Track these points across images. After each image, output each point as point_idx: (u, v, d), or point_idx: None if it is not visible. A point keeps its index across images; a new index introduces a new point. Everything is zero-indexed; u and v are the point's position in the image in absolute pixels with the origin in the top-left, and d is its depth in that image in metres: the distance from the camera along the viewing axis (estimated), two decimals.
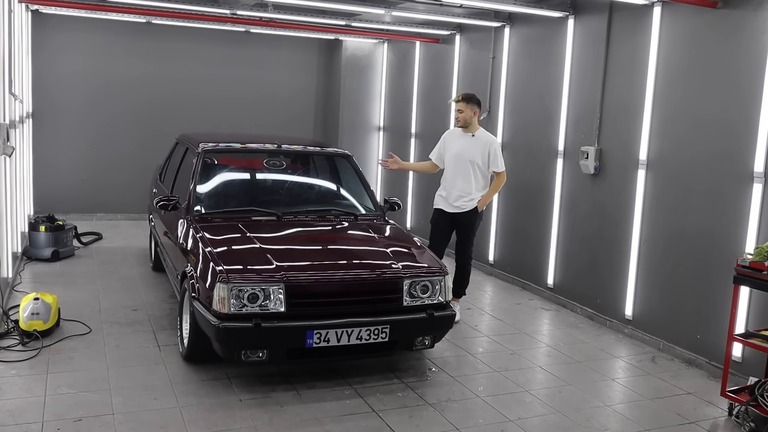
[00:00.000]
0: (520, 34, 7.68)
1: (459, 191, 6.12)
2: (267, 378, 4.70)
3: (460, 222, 6.21)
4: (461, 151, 6.13)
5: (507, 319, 6.49)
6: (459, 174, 6.13)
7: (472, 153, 6.09)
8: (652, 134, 5.89)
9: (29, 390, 4.35)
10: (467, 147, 6.12)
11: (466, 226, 6.21)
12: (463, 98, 6.11)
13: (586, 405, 4.64)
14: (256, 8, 7.93)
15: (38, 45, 9.31)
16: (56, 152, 9.71)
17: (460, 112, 6.10)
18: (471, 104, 6.09)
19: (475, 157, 6.08)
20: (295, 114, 10.99)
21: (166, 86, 10.16)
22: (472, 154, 6.09)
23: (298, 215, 5.60)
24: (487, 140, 6.13)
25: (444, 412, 4.37)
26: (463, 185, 6.11)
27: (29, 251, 7.55)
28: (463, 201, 6.13)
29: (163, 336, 5.42)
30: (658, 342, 5.79)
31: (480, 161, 6.09)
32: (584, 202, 6.68)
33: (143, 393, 4.39)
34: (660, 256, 5.82)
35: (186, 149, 6.39)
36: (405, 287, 4.73)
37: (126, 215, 10.05)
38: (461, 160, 6.12)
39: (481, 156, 6.08)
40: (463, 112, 6.09)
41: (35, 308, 5.22)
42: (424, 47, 9.68)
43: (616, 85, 6.30)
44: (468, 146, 6.12)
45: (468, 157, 6.09)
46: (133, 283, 6.91)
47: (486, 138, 6.15)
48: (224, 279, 4.34)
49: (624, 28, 6.22)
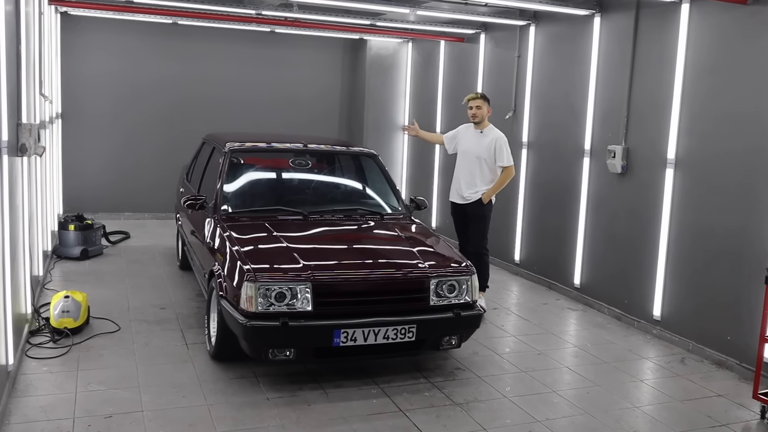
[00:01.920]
0: (546, 33, 7.63)
1: (467, 184, 6.48)
2: (294, 377, 4.72)
3: (470, 213, 6.53)
4: (470, 147, 6.51)
5: (533, 319, 6.45)
6: (467, 168, 6.50)
7: (479, 149, 6.43)
8: (680, 132, 5.82)
9: (60, 386, 4.41)
10: (476, 143, 6.48)
11: (475, 217, 6.51)
12: (481, 96, 6.48)
13: (614, 406, 4.60)
14: (281, 8, 7.97)
15: (67, 46, 9.43)
16: (85, 152, 9.85)
17: (478, 108, 6.44)
18: (486, 102, 6.47)
19: (482, 153, 6.40)
20: (319, 114, 11.02)
21: (192, 87, 10.25)
22: (479, 149, 6.43)
23: (325, 214, 5.61)
24: (494, 136, 6.43)
25: (471, 412, 4.36)
26: (470, 178, 6.47)
27: (59, 250, 7.65)
28: (469, 192, 6.47)
29: (190, 334, 5.46)
30: (687, 343, 5.72)
31: (486, 156, 6.40)
32: (611, 201, 6.61)
33: (172, 391, 4.43)
34: (689, 255, 5.75)
35: (213, 149, 6.43)
36: (432, 287, 4.73)
37: (153, 214, 10.15)
38: (470, 155, 6.49)
39: (488, 151, 6.39)
40: (481, 108, 6.44)
41: (66, 306, 5.29)
42: (449, 46, 9.65)
43: (644, 83, 6.23)
44: (477, 142, 6.48)
45: (476, 153, 6.44)
46: (160, 281, 6.97)
47: (493, 134, 6.46)
48: (252, 278, 4.36)
49: (651, 25, 6.15)
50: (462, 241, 6.68)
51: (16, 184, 4.90)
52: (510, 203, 7.99)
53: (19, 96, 4.99)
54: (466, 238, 6.61)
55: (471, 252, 6.48)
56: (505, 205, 7.91)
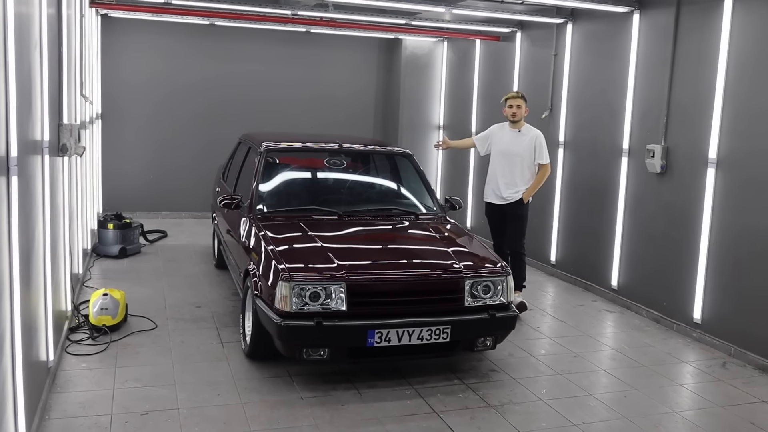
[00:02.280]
0: (583, 31, 7.52)
1: (506, 183, 6.44)
2: (328, 376, 4.72)
3: (508, 213, 6.48)
4: (509, 146, 6.46)
5: (569, 320, 6.36)
6: (506, 168, 6.44)
7: (519, 148, 6.41)
8: (722, 130, 5.69)
9: (99, 383, 4.48)
10: (515, 142, 6.44)
11: (514, 216, 6.47)
12: (521, 95, 6.45)
13: (653, 411, 4.50)
14: (317, 8, 7.99)
15: (107, 48, 9.59)
16: (124, 152, 10.01)
17: (518, 107, 6.40)
18: (525, 102, 6.45)
19: (522, 152, 6.39)
20: (354, 113, 11.04)
21: (228, 87, 10.35)
22: (519, 149, 6.40)
23: (359, 214, 5.61)
24: (533, 134, 6.43)
25: (506, 415, 4.31)
26: (509, 178, 6.42)
27: (98, 248, 7.78)
28: (509, 192, 6.43)
29: (226, 333, 5.51)
30: (729, 347, 5.58)
31: (527, 155, 6.38)
32: (650, 201, 6.49)
33: (207, 389, 4.46)
34: (731, 256, 5.61)
35: (248, 149, 6.48)
36: (466, 287, 4.69)
37: (190, 213, 10.28)
38: (508, 155, 6.45)
39: (528, 150, 6.38)
40: (521, 107, 6.41)
41: (104, 304, 5.38)
42: (485, 45, 9.58)
43: (684, 81, 6.10)
44: (515, 142, 6.44)
45: (515, 152, 6.41)
46: (197, 280, 7.05)
47: (531, 132, 6.45)
48: (287, 277, 4.37)
49: (693, 21, 6.02)
50: (497, 241, 6.64)
51: (57, 183, 4.99)
52: (546, 203, 7.90)
53: (60, 97, 5.08)
54: (502, 238, 6.58)
55: (509, 251, 6.51)
56: (541, 205, 7.83)
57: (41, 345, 4.15)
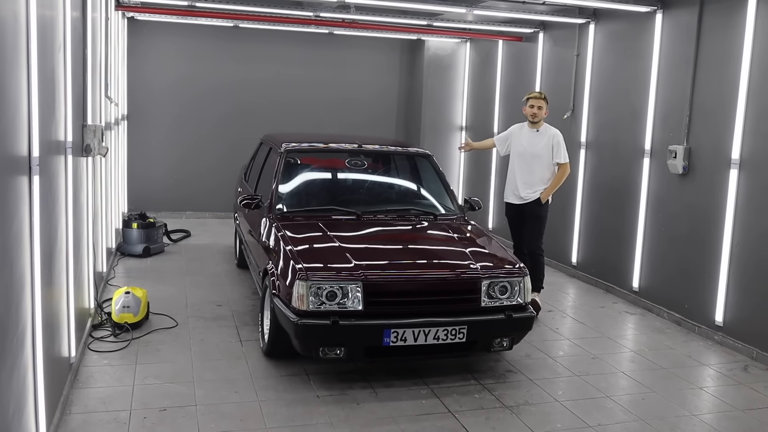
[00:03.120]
0: (606, 31, 7.47)
1: (525, 184, 6.43)
2: (344, 375, 4.76)
3: (527, 212, 6.47)
4: (528, 146, 6.45)
5: (589, 322, 6.32)
6: (525, 168, 6.44)
7: (537, 148, 6.39)
8: (745, 131, 5.62)
9: (119, 379, 4.56)
10: (533, 142, 6.43)
11: (532, 216, 6.46)
12: (544, 96, 6.43)
13: (670, 414, 4.47)
14: (339, 10, 8.03)
15: (133, 50, 9.74)
16: (149, 153, 10.15)
17: (539, 108, 6.37)
18: (547, 103, 6.43)
19: (541, 151, 6.37)
20: (377, 114, 11.07)
21: (252, 88, 10.45)
22: (537, 148, 6.39)
23: (378, 214, 5.63)
24: (551, 134, 6.41)
25: (521, 416, 4.30)
26: (528, 178, 6.42)
27: (122, 247, 7.91)
28: (527, 192, 6.42)
29: (245, 331, 5.57)
30: (752, 350, 5.51)
31: (545, 154, 6.36)
32: (672, 202, 6.43)
33: (225, 386, 4.52)
34: (753, 259, 5.54)
35: (269, 149, 6.54)
36: (483, 288, 4.69)
37: (213, 213, 10.39)
38: (527, 155, 6.43)
39: (546, 150, 6.36)
40: (542, 108, 6.39)
41: (126, 301, 5.47)
42: (507, 46, 9.56)
43: (708, 81, 6.04)
44: (534, 141, 6.43)
45: (534, 152, 6.40)
46: (218, 279, 7.13)
47: (550, 132, 6.43)
48: (303, 276, 4.41)
49: (716, 21, 5.95)
50: (517, 242, 6.63)
51: (81, 183, 5.09)
52: (568, 204, 7.86)
53: (84, 98, 5.17)
54: (521, 238, 6.57)
55: (526, 252, 6.48)
56: (562, 206, 7.79)
57: (63, 341, 4.24)
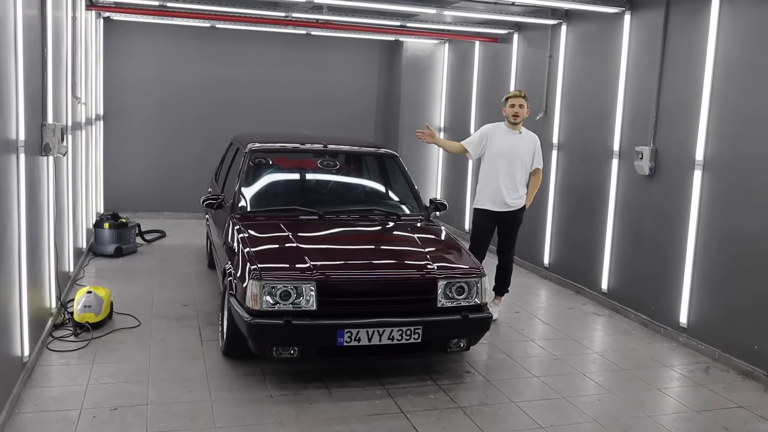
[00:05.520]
0: (577, 32, 7.48)
1: (509, 189, 6.07)
2: (301, 375, 4.74)
3: (509, 220, 6.16)
4: (511, 148, 6.08)
5: (555, 323, 6.32)
6: (508, 171, 6.06)
7: (521, 150, 6.10)
8: (709, 133, 5.63)
9: (74, 379, 4.54)
10: (517, 144, 6.10)
11: (513, 224, 6.20)
12: (525, 95, 6.11)
13: (625, 415, 4.46)
14: (312, 11, 8.02)
15: (110, 50, 9.72)
16: (126, 153, 10.12)
17: (521, 107, 6.06)
18: (527, 102, 6.13)
19: (524, 155, 6.10)
20: (355, 115, 11.06)
21: (230, 89, 10.43)
22: (521, 151, 6.10)
23: (340, 215, 5.63)
24: (533, 138, 6.21)
25: (473, 416, 4.29)
26: (513, 183, 6.08)
27: (94, 247, 7.88)
28: (513, 199, 6.10)
29: (207, 331, 5.55)
30: (714, 351, 5.51)
31: (527, 158, 6.12)
32: (639, 204, 6.44)
33: (179, 385, 4.50)
34: (717, 260, 5.55)
35: (237, 149, 6.53)
36: (440, 288, 4.68)
37: (191, 214, 10.35)
38: (511, 157, 6.06)
39: (529, 153, 6.13)
40: (523, 107, 6.09)
41: (88, 301, 5.45)
42: (484, 47, 9.56)
43: (673, 83, 6.05)
44: (517, 144, 6.10)
45: (518, 155, 6.09)
46: (187, 279, 7.11)
47: (531, 135, 6.22)
48: (257, 276, 4.40)
49: (681, 22, 5.96)
50: (483, 250, 6.12)
51: (40, 182, 5.07)
52: (540, 206, 7.85)
53: (44, 97, 5.16)
54: (485, 246, 6.17)
55: (501, 259, 6.33)
56: (535, 207, 7.75)
57: (14, 341, 4.23)
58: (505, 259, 6.33)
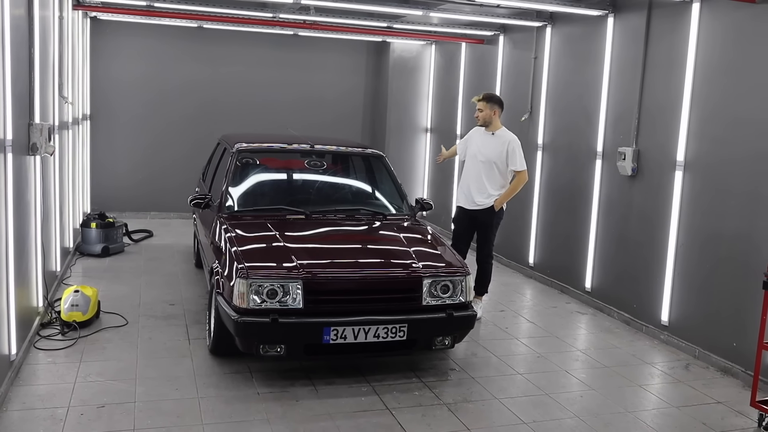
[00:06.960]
0: (562, 34, 7.58)
1: (477, 189, 6.24)
2: (287, 373, 4.79)
3: (479, 220, 6.31)
4: (480, 149, 6.28)
5: (540, 322, 6.40)
6: (477, 172, 6.25)
7: (490, 151, 6.21)
8: (689, 134, 5.73)
9: (61, 377, 4.57)
10: (486, 145, 6.25)
11: (484, 224, 6.31)
12: (483, 98, 6.27)
13: (606, 411, 4.54)
14: (299, 12, 8.06)
15: (97, 50, 9.72)
16: (114, 153, 10.12)
17: (480, 111, 6.25)
18: (491, 104, 6.22)
19: (493, 156, 6.18)
20: (343, 115, 11.11)
21: (217, 89, 10.45)
22: (490, 152, 6.21)
23: (327, 214, 5.68)
24: (506, 139, 6.21)
25: (457, 413, 4.36)
26: (480, 183, 6.23)
27: (81, 247, 7.89)
28: (480, 198, 6.24)
29: (194, 330, 5.58)
30: (694, 349, 5.61)
31: (498, 160, 6.17)
32: (622, 204, 6.53)
33: (166, 383, 4.54)
34: (697, 259, 5.65)
35: (224, 149, 6.57)
36: (425, 287, 4.74)
37: (178, 214, 10.35)
38: (479, 158, 6.25)
39: (499, 155, 6.17)
40: (482, 111, 6.24)
41: (75, 300, 5.48)
42: (470, 48, 9.64)
43: (655, 85, 6.14)
44: (487, 145, 6.24)
45: (486, 156, 6.22)
46: (174, 279, 7.13)
47: (505, 137, 6.23)
48: (244, 275, 4.45)
49: (663, 25, 6.06)
50: (460, 247, 6.30)
51: (27, 181, 5.09)
52: (525, 206, 7.94)
53: (31, 97, 5.18)
54: (465, 243, 6.36)
55: (477, 259, 6.44)
56: (520, 207, 7.87)
57: (2, 339, 4.25)
58: (480, 257, 6.41)
